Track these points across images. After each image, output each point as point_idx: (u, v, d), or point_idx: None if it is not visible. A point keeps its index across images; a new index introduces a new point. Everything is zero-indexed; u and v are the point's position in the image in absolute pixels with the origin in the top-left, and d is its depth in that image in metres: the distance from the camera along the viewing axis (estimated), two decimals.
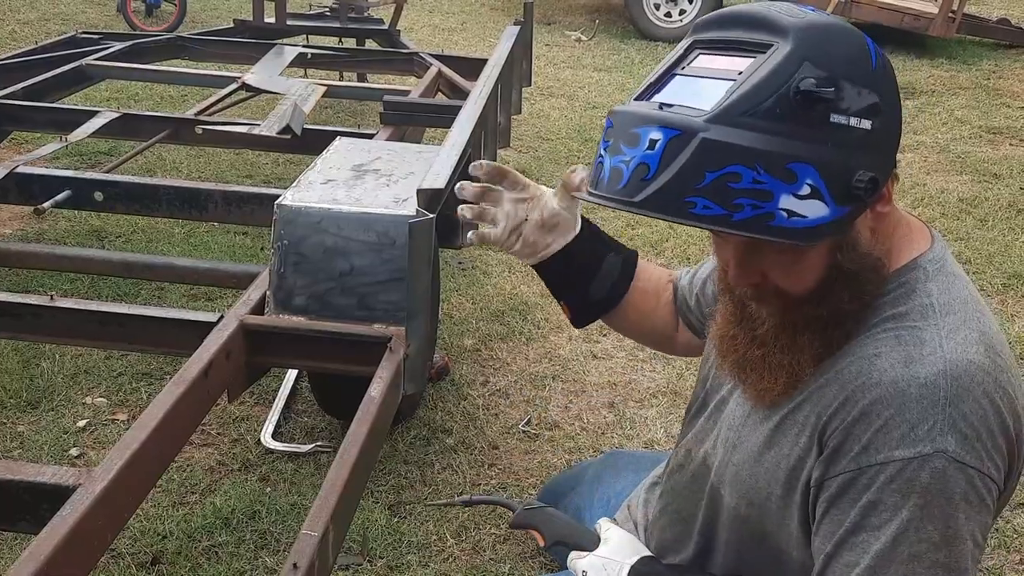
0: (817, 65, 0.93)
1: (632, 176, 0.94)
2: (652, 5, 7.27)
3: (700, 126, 0.91)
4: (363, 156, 2.23)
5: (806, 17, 0.97)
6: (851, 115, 0.94)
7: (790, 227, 0.92)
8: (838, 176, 0.93)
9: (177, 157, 4.15)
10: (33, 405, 2.38)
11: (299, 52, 4.04)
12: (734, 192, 0.91)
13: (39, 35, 5.98)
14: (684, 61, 1.03)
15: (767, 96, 0.92)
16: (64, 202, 2.52)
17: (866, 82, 0.96)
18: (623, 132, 0.97)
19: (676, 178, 0.92)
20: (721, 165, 0.90)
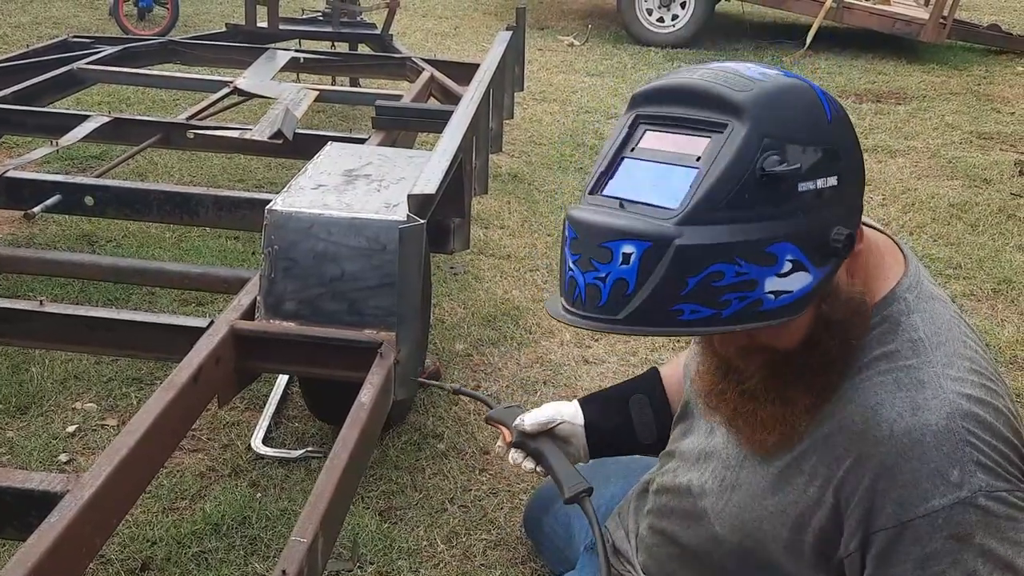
0: (777, 139, 0.91)
1: (611, 293, 0.92)
2: (645, 10, 7.29)
3: (672, 232, 0.89)
4: (354, 161, 2.23)
5: (754, 87, 0.93)
6: (817, 178, 0.92)
7: (779, 306, 0.92)
8: (816, 241, 0.93)
9: (168, 161, 4.14)
10: (22, 410, 2.37)
11: (291, 56, 4.04)
12: (719, 290, 0.89)
13: (31, 39, 5.96)
14: (631, 141, 0.99)
15: (734, 186, 0.89)
16: (54, 206, 2.52)
17: (825, 139, 0.94)
18: (591, 246, 0.93)
19: (658, 289, 0.89)
20: (701, 268, 0.89)
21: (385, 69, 4.31)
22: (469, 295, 3.14)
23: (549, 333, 2.93)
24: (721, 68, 0.98)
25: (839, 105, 0.99)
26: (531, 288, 3.23)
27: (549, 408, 1.46)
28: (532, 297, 3.16)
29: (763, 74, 0.96)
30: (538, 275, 3.33)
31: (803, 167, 0.91)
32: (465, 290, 3.18)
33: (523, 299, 3.14)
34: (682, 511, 1.29)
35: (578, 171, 4.42)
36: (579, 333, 2.94)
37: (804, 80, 0.98)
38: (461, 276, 3.29)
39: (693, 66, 1.03)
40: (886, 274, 1.09)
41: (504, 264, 3.40)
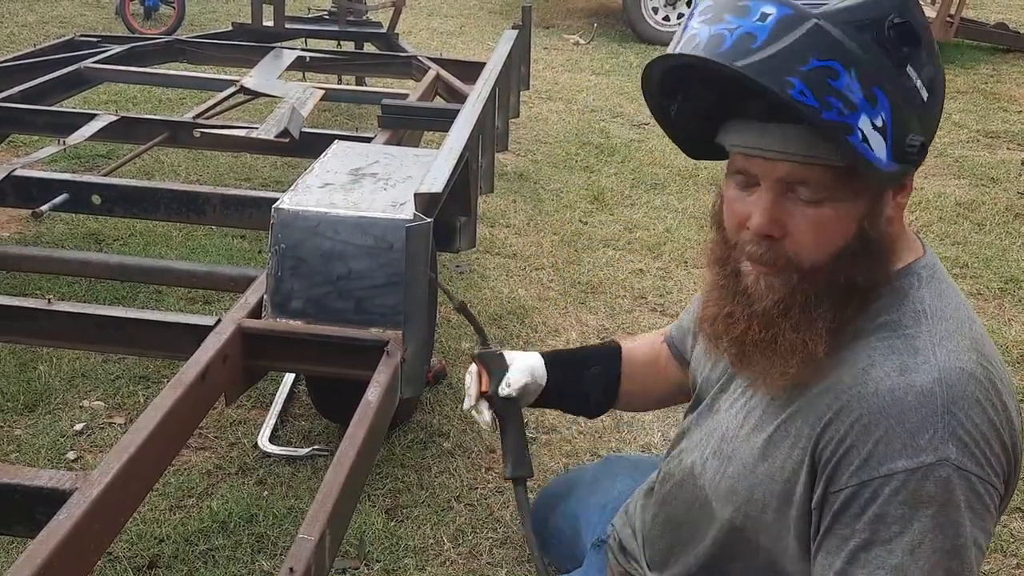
0: (912, 15, 0.96)
1: (736, 42, 0.93)
2: (650, 9, 7.28)
3: (813, 12, 0.92)
4: (361, 160, 2.24)
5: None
6: (919, 77, 0.97)
7: (860, 152, 0.94)
8: (900, 126, 0.95)
9: (175, 160, 4.15)
10: (30, 408, 2.38)
11: (297, 55, 4.04)
12: (830, 89, 0.91)
13: (38, 38, 5.98)
14: None
15: (871, 15, 0.93)
16: (62, 205, 2.52)
17: (933, 58, 0.99)
18: (730, 3, 0.96)
19: (784, 53, 0.92)
20: (827, 56, 0.91)
21: (391, 68, 4.32)
22: (475, 294, 3.14)
23: (555, 332, 2.93)
24: None
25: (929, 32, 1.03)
26: (537, 287, 3.23)
27: (525, 371, 1.48)
28: (538, 296, 3.16)
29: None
30: (544, 274, 3.33)
31: (917, 54, 0.96)
32: (471, 289, 3.18)
33: (529, 298, 3.14)
34: (684, 496, 1.28)
35: (584, 170, 4.42)
36: (584, 331, 2.94)
37: None
38: (467, 275, 3.29)
39: None
40: (908, 251, 1.10)
41: (510, 263, 3.40)
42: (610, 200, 4.05)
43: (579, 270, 3.36)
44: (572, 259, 3.46)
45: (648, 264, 3.45)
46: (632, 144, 4.83)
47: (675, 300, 3.18)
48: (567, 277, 3.30)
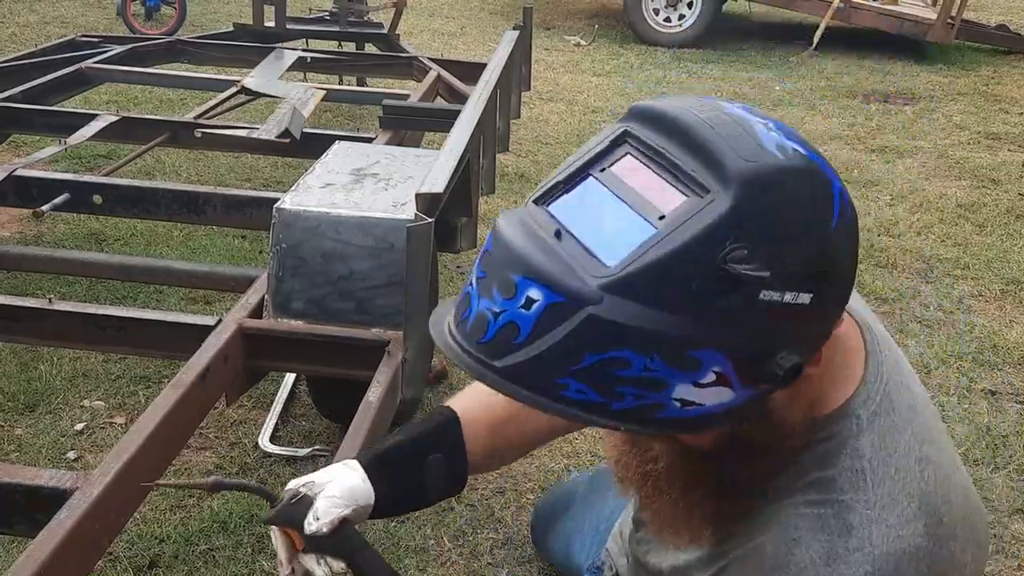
0: (758, 231, 0.73)
1: (498, 334, 0.77)
2: (651, 10, 7.28)
3: (590, 296, 0.73)
4: (362, 160, 2.24)
5: (760, 159, 0.75)
6: (788, 291, 0.75)
7: (681, 417, 0.77)
8: (754, 359, 0.77)
9: (176, 160, 4.15)
10: (31, 408, 2.37)
11: (298, 56, 4.04)
12: (618, 379, 0.74)
13: (39, 38, 5.98)
14: (607, 158, 0.82)
15: (683, 268, 0.73)
16: (63, 205, 2.52)
17: (817, 249, 0.77)
18: (499, 271, 0.78)
19: (550, 353, 0.74)
20: (606, 348, 0.73)
21: (392, 68, 4.32)
22: None
23: None
24: (741, 117, 0.80)
25: (853, 211, 0.82)
26: None
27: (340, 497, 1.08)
28: None
29: (780, 147, 0.78)
30: None
31: (773, 275, 0.74)
32: None
33: None
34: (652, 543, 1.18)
35: None
36: None
37: (826, 169, 0.80)
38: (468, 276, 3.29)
39: (715, 100, 0.84)
40: (845, 381, 0.91)
41: None
42: None
43: None
44: None
45: None
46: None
47: None
48: None
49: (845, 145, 5.05)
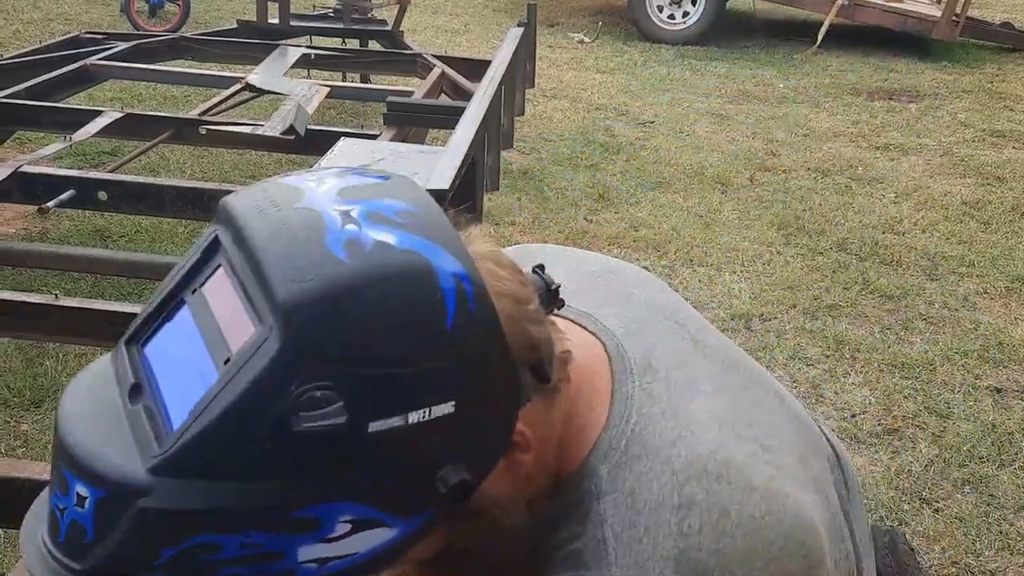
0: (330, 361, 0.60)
1: (68, 535, 0.63)
2: (655, 7, 7.28)
3: (138, 484, 0.60)
4: (367, 157, 2.24)
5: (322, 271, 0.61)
6: (408, 410, 0.63)
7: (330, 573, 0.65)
8: (400, 491, 0.65)
9: (180, 157, 4.16)
10: (36, 404, 2.38)
11: (302, 53, 4.05)
12: (216, 565, 0.62)
13: (43, 35, 5.99)
14: (202, 273, 0.68)
15: (249, 429, 0.60)
16: (68, 201, 2.53)
17: (430, 355, 0.64)
18: (56, 462, 0.64)
19: (122, 552, 0.62)
20: (181, 539, 0.60)
21: (396, 65, 4.32)
22: None
23: None
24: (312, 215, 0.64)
25: (485, 302, 0.66)
26: None
27: None
28: None
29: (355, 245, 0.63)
30: None
31: (375, 399, 0.62)
32: None
33: None
34: None
35: (588, 168, 4.41)
36: None
37: (437, 259, 0.65)
38: None
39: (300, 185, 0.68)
40: (587, 431, 0.79)
41: None
42: (615, 198, 4.04)
43: None
44: None
45: (653, 262, 3.44)
46: (637, 142, 4.83)
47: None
48: None
49: (849, 143, 5.04)
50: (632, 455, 0.77)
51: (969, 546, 2.06)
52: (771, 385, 0.94)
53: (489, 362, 0.67)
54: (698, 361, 0.87)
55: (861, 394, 2.63)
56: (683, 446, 0.77)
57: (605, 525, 0.76)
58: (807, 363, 2.78)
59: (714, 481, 0.76)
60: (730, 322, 3.03)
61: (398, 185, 0.71)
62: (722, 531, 0.74)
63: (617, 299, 0.91)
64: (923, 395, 2.64)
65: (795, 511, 0.78)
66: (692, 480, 0.76)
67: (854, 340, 2.92)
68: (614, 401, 0.79)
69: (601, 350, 0.83)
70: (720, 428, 0.80)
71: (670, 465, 0.76)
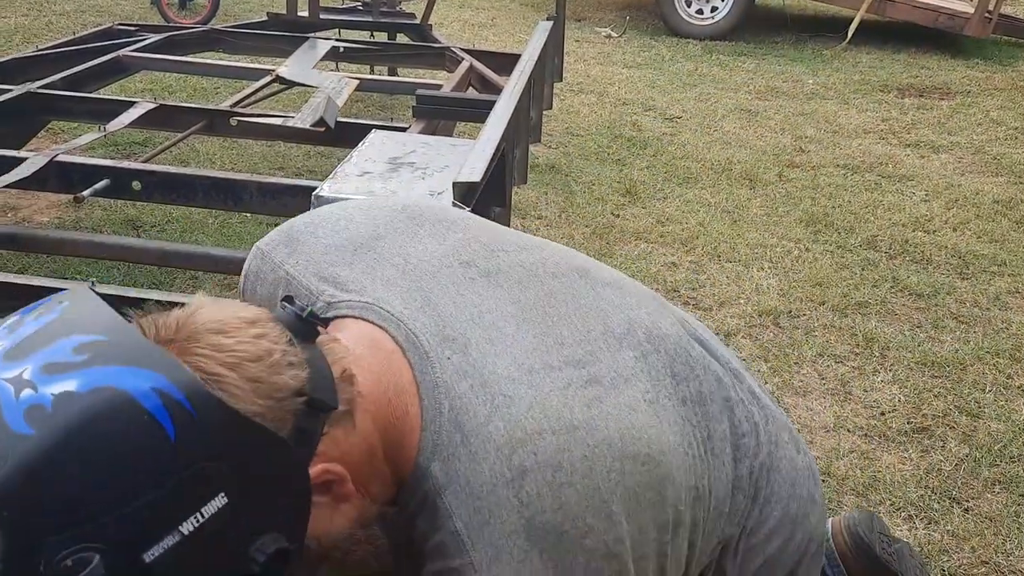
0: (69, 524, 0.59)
1: None
2: (684, 2, 7.24)
3: None
4: (398, 149, 2.25)
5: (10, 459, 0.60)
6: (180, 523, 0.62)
7: None
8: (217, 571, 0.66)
9: (210, 149, 4.19)
10: None
11: (332, 46, 4.07)
12: None
13: (75, 26, 6.05)
14: None
15: None
16: (103, 191, 2.55)
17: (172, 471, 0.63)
18: None
19: None
20: None
21: (424, 58, 4.33)
22: None
23: None
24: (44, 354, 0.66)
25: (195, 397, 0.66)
26: None
27: None
28: None
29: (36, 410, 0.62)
30: None
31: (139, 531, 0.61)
32: None
33: None
34: None
35: (615, 163, 4.41)
36: None
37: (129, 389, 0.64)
38: None
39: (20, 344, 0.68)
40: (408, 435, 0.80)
41: None
42: (642, 193, 4.03)
43: (611, 263, 3.35)
44: (604, 252, 3.45)
45: (681, 258, 3.44)
46: (664, 137, 4.81)
47: (708, 294, 3.16)
48: None
49: (879, 140, 5.00)
50: (456, 444, 0.78)
51: (999, 545, 2.04)
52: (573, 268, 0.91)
53: (243, 441, 0.67)
54: (493, 297, 0.87)
55: (890, 392, 2.61)
56: (498, 417, 0.78)
57: (453, 518, 0.77)
58: (836, 360, 2.77)
59: (537, 439, 0.77)
60: (758, 318, 3.02)
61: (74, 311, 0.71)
62: (560, 484, 0.76)
63: (394, 269, 0.89)
64: (953, 394, 2.62)
65: (620, 426, 0.79)
66: (517, 449, 0.77)
67: (883, 338, 2.90)
68: (422, 395, 0.80)
69: (392, 343, 0.83)
70: (531, 375, 0.81)
71: (493, 442, 0.77)
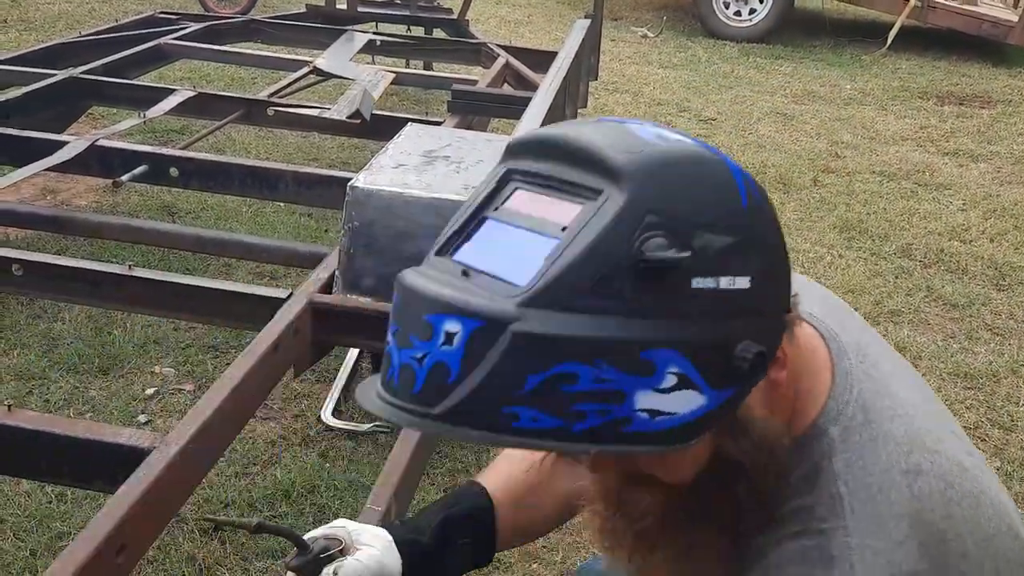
0: (666, 217, 0.71)
1: (428, 380, 0.71)
2: (722, 3, 7.19)
3: (510, 314, 0.69)
4: (434, 142, 2.25)
5: (644, 150, 0.73)
6: (721, 275, 0.72)
7: (656, 430, 0.72)
8: (713, 355, 0.73)
9: (246, 138, 4.23)
10: (104, 371, 2.45)
11: (369, 39, 4.09)
12: (570, 397, 0.69)
13: (117, 13, 6.13)
14: (498, 197, 0.80)
15: (600, 268, 0.69)
16: (141, 176, 2.59)
17: (737, 228, 0.74)
18: (413, 318, 0.73)
19: (488, 384, 0.69)
20: (546, 365, 0.69)
21: (460, 54, 4.34)
22: None
23: None
24: (613, 126, 0.78)
25: (761, 191, 0.78)
26: None
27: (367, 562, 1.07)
28: None
29: (662, 137, 0.76)
30: None
31: (699, 257, 0.71)
32: None
33: None
34: None
35: None
36: None
37: (717, 153, 0.79)
38: None
39: (584, 120, 0.83)
40: (813, 397, 0.86)
41: None
42: None
43: None
44: None
45: None
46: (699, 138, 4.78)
47: None
48: None
49: (916, 147, 4.93)
50: (858, 422, 0.84)
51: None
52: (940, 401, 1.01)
53: (775, 249, 0.78)
54: (893, 361, 0.96)
55: None
56: (900, 423, 0.85)
57: (839, 481, 0.81)
58: None
59: (934, 455, 0.83)
60: None
61: None
62: (949, 499, 0.81)
63: (818, 301, 0.97)
64: (986, 406, 2.58)
65: (994, 495, 0.87)
66: (915, 451, 0.83)
67: (916, 347, 2.87)
68: (836, 373, 0.86)
69: (814, 331, 0.90)
70: (924, 416, 0.88)
71: (893, 437, 0.83)
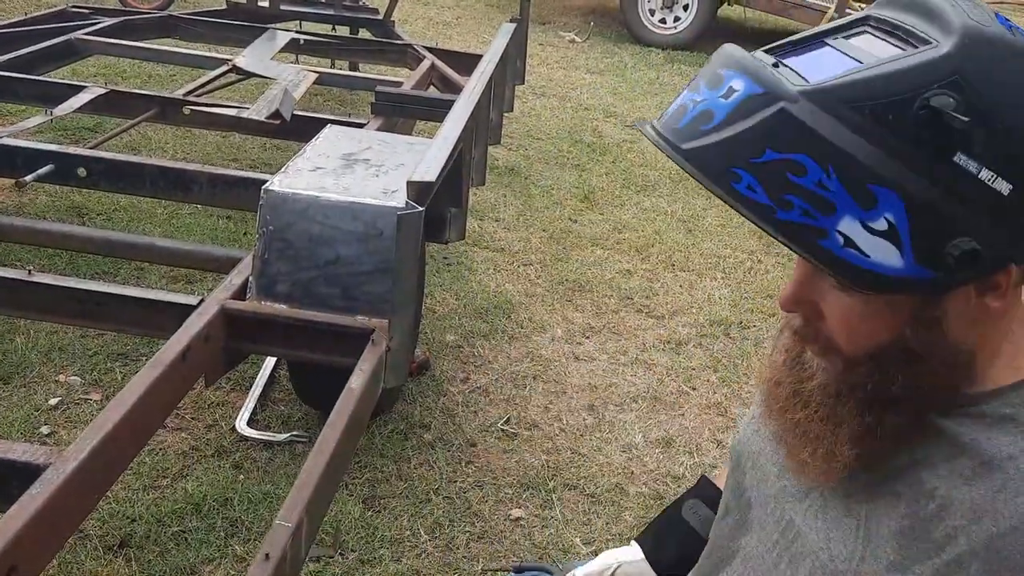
0: (969, 83, 0.72)
1: (692, 120, 0.79)
2: (647, 10, 7.28)
3: (788, 94, 0.74)
4: (353, 145, 2.21)
5: (992, 27, 0.76)
6: (986, 165, 0.72)
7: (841, 258, 0.74)
8: (932, 228, 0.73)
9: (163, 137, 4.10)
10: (4, 380, 2.34)
11: (292, 37, 4.01)
12: (789, 186, 0.74)
13: (28, 7, 5.90)
14: (844, 32, 0.84)
15: (888, 94, 0.73)
16: (47, 176, 2.48)
17: None
18: (711, 70, 0.81)
19: (735, 140, 0.76)
20: (789, 148, 0.74)
21: (386, 55, 4.29)
22: (462, 286, 3.12)
23: (540, 328, 2.92)
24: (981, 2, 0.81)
25: None
26: (524, 282, 3.22)
27: (600, 557, 1.20)
28: (524, 291, 3.14)
29: (1013, 30, 0.78)
30: (531, 270, 3.32)
31: (973, 136, 0.72)
32: (458, 281, 3.16)
33: (515, 293, 3.12)
34: None
35: (575, 168, 4.41)
36: (570, 329, 2.93)
37: None
38: (455, 267, 3.27)
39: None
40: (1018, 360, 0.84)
41: (498, 257, 3.39)
42: (600, 199, 4.04)
43: (566, 268, 3.35)
44: (560, 256, 3.45)
45: (635, 265, 3.44)
46: (624, 144, 4.83)
47: (661, 302, 3.17)
48: (554, 274, 3.29)
49: None
50: None
51: None
52: None
53: None
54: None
55: None
56: None
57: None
58: None
59: None
60: (709, 328, 3.03)
61: None
62: None
63: None
64: None
65: None
66: None
67: None
68: None
69: None
70: None
71: None
